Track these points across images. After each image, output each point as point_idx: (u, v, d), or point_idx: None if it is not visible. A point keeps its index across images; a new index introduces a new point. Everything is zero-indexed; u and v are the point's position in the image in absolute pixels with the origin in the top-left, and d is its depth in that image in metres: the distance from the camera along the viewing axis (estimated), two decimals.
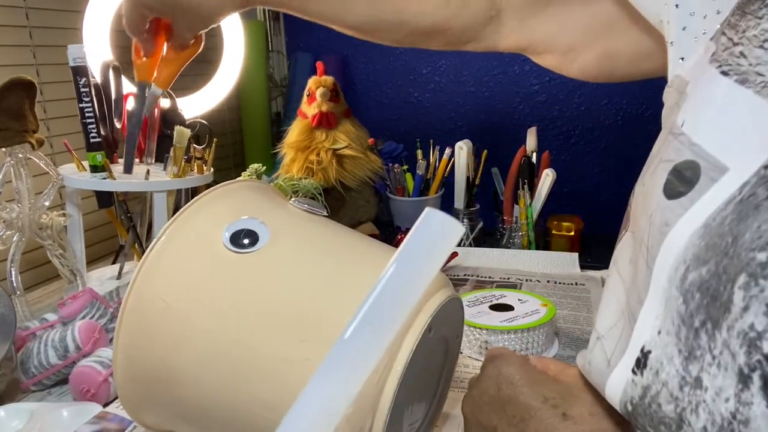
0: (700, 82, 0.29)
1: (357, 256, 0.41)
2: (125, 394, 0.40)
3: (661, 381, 0.26)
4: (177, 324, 0.37)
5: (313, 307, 0.36)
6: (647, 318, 0.27)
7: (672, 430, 0.25)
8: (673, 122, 0.30)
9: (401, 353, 0.34)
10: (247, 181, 0.47)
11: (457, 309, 0.43)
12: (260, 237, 0.39)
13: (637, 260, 0.30)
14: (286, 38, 1.52)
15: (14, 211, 0.64)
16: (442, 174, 0.99)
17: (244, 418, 0.35)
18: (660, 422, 0.25)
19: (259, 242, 0.38)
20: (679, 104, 0.31)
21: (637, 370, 0.27)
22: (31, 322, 0.60)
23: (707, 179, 0.25)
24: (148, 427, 0.43)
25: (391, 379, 0.33)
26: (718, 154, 0.26)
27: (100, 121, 0.72)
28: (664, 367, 0.25)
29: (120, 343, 0.39)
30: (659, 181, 0.28)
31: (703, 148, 0.27)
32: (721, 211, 0.24)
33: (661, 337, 0.26)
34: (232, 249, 0.38)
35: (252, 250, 0.38)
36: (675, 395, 0.25)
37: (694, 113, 0.29)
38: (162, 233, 0.39)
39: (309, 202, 0.44)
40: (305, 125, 0.88)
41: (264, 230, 0.39)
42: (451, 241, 0.20)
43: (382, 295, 0.19)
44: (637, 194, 0.32)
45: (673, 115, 0.30)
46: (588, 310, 0.67)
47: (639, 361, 0.27)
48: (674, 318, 0.25)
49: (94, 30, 0.83)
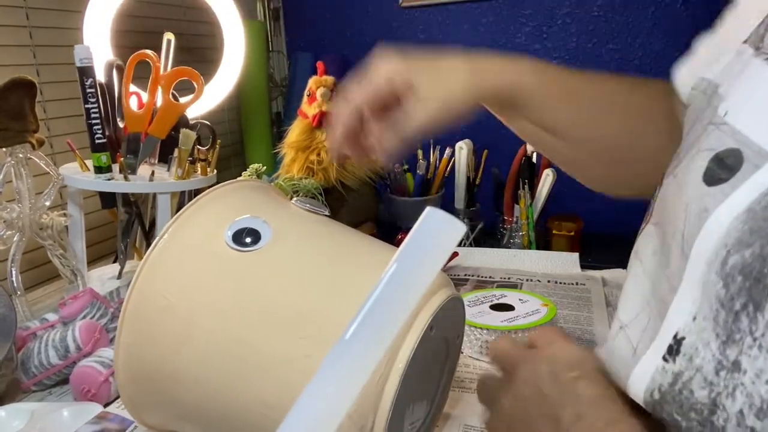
0: (744, 75, 0.30)
1: (359, 254, 0.41)
2: (127, 393, 0.40)
3: (695, 366, 0.26)
4: (179, 321, 0.37)
5: (314, 305, 0.36)
6: (681, 305, 0.27)
7: (703, 415, 0.25)
8: (712, 114, 0.30)
9: (403, 351, 0.34)
10: (249, 181, 0.47)
11: (459, 309, 0.43)
12: (262, 235, 0.39)
13: (667, 250, 0.30)
14: (287, 38, 1.52)
15: (14, 211, 0.64)
16: (442, 174, 0.99)
17: (245, 416, 0.35)
18: (690, 408, 0.26)
19: (261, 241, 0.38)
20: (714, 101, 0.31)
21: (668, 357, 0.27)
22: (31, 322, 0.60)
23: (750, 166, 0.26)
24: (149, 427, 0.43)
25: (392, 377, 0.33)
26: (763, 142, 0.26)
27: (104, 122, 0.72)
28: (699, 352, 0.26)
29: (122, 341, 0.38)
30: (697, 169, 0.29)
31: (746, 136, 0.27)
32: (765, 195, 0.25)
33: (696, 322, 0.26)
34: (235, 247, 0.38)
35: (254, 249, 0.38)
36: (710, 380, 0.25)
37: (739, 104, 0.29)
38: (164, 232, 0.39)
39: (311, 201, 0.44)
40: (306, 125, 0.88)
41: (266, 229, 0.39)
42: (452, 240, 0.20)
43: (383, 295, 0.19)
44: (667, 186, 0.33)
45: (708, 111, 0.31)
46: (588, 309, 0.67)
47: (671, 347, 0.27)
48: (712, 303, 0.25)
49: (94, 30, 0.83)
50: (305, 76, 1.04)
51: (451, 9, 1.37)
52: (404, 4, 1.40)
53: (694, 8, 1.16)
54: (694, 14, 1.16)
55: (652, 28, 1.20)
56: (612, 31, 1.24)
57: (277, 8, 1.48)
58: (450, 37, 1.38)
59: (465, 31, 1.37)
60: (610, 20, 1.24)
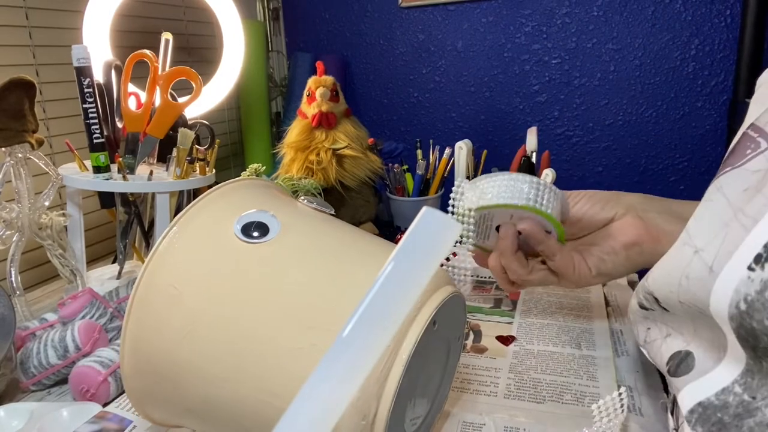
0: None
1: (365, 249, 0.42)
2: (131, 385, 0.40)
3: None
4: (187, 310, 0.37)
5: (322, 296, 0.37)
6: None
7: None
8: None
9: (406, 342, 0.35)
10: (255, 180, 0.47)
11: (460, 309, 0.43)
12: (271, 229, 0.40)
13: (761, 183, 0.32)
14: (286, 38, 1.52)
15: (14, 211, 0.64)
16: (442, 174, 0.99)
17: (250, 404, 0.36)
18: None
19: (269, 233, 0.39)
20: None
21: (755, 266, 0.28)
22: (30, 321, 0.60)
23: None
24: (154, 421, 0.43)
25: (396, 367, 0.34)
26: None
27: (102, 121, 0.72)
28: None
29: (128, 329, 0.39)
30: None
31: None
32: None
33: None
34: (244, 239, 0.39)
35: (263, 240, 0.39)
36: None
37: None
38: (174, 223, 0.40)
39: (317, 200, 0.46)
40: (305, 125, 0.88)
41: (275, 222, 0.40)
42: (448, 240, 0.20)
43: (380, 294, 0.20)
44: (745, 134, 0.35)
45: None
46: (588, 309, 0.67)
47: (760, 256, 0.28)
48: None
49: (93, 30, 0.83)
50: (305, 76, 1.04)
51: (451, 9, 1.37)
52: (404, 4, 1.40)
53: (693, 8, 1.16)
54: (694, 14, 1.16)
55: (652, 28, 1.20)
56: (612, 31, 1.24)
57: (276, 8, 1.48)
58: (450, 37, 1.39)
59: (465, 31, 1.37)
60: (610, 20, 1.24)
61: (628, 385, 0.52)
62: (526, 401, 0.50)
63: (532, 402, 0.50)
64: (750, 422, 0.29)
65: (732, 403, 0.31)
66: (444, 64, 1.41)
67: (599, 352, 0.58)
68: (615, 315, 0.66)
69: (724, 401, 0.32)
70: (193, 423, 0.41)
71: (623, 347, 0.59)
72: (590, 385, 0.52)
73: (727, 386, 0.32)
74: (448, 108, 1.43)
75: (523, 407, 0.49)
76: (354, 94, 1.52)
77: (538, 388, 0.52)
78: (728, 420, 0.31)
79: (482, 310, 0.69)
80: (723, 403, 0.31)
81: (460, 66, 1.40)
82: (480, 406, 0.49)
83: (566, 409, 0.49)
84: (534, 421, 0.47)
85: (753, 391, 0.30)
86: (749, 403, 0.30)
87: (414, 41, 1.43)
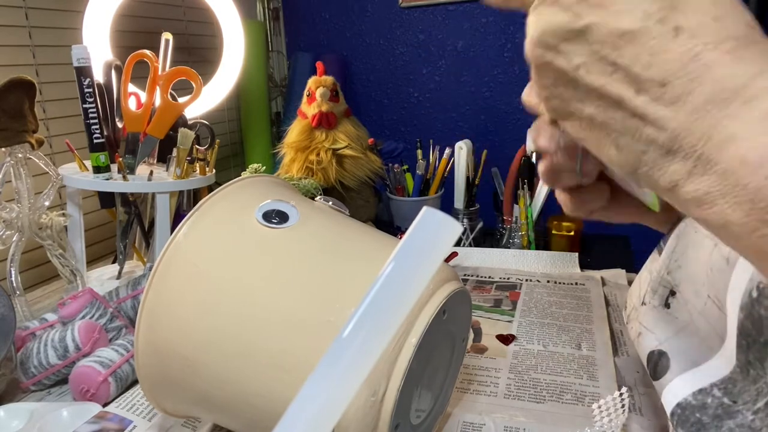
0: None
1: (381, 240, 0.43)
2: (145, 364, 0.41)
3: None
4: (206, 287, 0.38)
5: (339, 276, 0.38)
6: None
7: None
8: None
9: (417, 325, 0.36)
10: (272, 177, 0.49)
11: (467, 305, 0.44)
12: (290, 217, 0.41)
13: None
14: (286, 38, 1.52)
15: (14, 211, 0.64)
16: (442, 174, 0.99)
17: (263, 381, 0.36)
18: None
19: (289, 221, 0.41)
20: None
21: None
22: (30, 322, 0.60)
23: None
24: (165, 411, 0.43)
25: (406, 347, 0.35)
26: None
27: (102, 121, 0.72)
28: None
29: (146, 306, 0.39)
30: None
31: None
32: None
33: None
34: (265, 224, 0.40)
35: (284, 226, 0.40)
36: None
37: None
38: (196, 209, 0.41)
39: (334, 200, 0.47)
40: (305, 125, 0.88)
41: (294, 212, 0.41)
42: (448, 240, 0.20)
43: (380, 294, 0.20)
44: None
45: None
46: (588, 309, 0.67)
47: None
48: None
49: (93, 30, 0.83)
50: (305, 76, 1.04)
51: (450, 9, 1.37)
52: (404, 4, 1.40)
53: None
54: None
55: None
56: None
57: (276, 8, 1.48)
58: (450, 37, 1.39)
59: (465, 31, 1.37)
60: None
61: (629, 385, 0.52)
62: (526, 401, 0.50)
63: (532, 402, 0.50)
64: (730, 423, 0.29)
65: (711, 404, 0.31)
66: (444, 64, 1.42)
67: (599, 352, 0.58)
68: (615, 315, 0.66)
69: (702, 402, 0.32)
70: (204, 411, 0.42)
71: (623, 347, 0.59)
72: (590, 385, 0.52)
73: (705, 387, 0.32)
74: (448, 108, 1.43)
75: (523, 407, 0.49)
76: (354, 94, 1.52)
77: (538, 388, 0.52)
78: (707, 420, 0.31)
79: (482, 308, 0.69)
80: (701, 404, 0.32)
81: (460, 66, 1.40)
82: (480, 406, 0.50)
83: (566, 409, 0.49)
84: (534, 421, 0.47)
85: (734, 396, 0.30)
86: (729, 406, 0.30)
87: (414, 41, 1.43)
